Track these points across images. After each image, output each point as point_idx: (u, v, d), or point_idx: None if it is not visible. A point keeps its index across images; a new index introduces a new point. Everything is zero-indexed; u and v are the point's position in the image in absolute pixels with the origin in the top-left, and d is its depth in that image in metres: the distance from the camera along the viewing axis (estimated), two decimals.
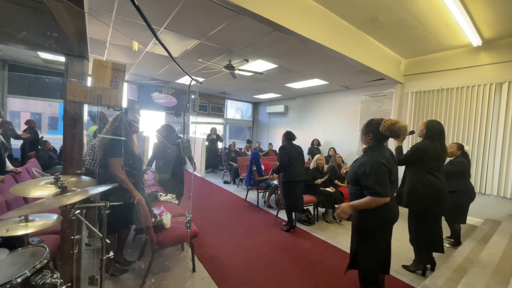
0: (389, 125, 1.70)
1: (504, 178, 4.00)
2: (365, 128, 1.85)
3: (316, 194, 4.01)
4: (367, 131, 1.82)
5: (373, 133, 1.78)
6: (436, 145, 2.37)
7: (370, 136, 1.80)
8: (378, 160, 1.68)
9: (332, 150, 6.06)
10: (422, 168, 2.37)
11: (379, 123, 1.76)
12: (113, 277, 2.23)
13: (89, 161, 2.66)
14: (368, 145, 1.83)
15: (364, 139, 1.85)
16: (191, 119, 5.00)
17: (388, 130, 1.70)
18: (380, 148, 1.79)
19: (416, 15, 3.34)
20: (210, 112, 9.61)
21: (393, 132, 1.71)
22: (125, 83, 5.18)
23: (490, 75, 4.13)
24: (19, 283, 1.07)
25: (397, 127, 1.69)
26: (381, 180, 1.65)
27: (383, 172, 1.66)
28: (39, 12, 1.41)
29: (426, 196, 2.32)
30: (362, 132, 1.87)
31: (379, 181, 1.64)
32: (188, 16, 3.20)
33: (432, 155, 2.35)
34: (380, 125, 1.74)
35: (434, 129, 2.42)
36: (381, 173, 1.66)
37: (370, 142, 1.81)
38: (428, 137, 2.42)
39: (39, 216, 1.39)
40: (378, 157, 1.70)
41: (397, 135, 1.73)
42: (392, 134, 1.72)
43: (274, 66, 5.09)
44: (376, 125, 1.77)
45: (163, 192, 3.24)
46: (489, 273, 2.02)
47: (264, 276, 2.41)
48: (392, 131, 1.70)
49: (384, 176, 1.66)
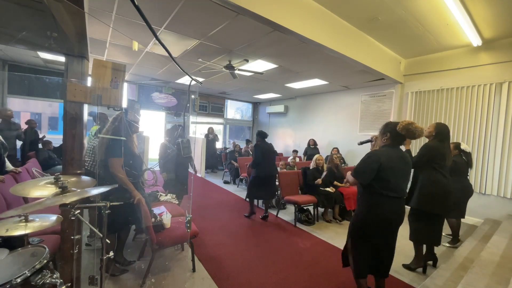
0: (406, 124, 1.78)
1: (504, 178, 4.00)
2: (383, 129, 1.92)
3: (316, 194, 4.01)
4: (384, 131, 1.89)
5: (390, 133, 1.85)
6: (445, 146, 2.45)
7: (388, 135, 1.87)
8: (376, 153, 1.80)
9: (335, 150, 6.04)
10: (433, 168, 2.41)
11: (396, 124, 1.84)
12: (113, 277, 2.23)
13: (89, 162, 2.66)
14: (384, 144, 1.90)
15: (381, 139, 1.93)
16: (191, 119, 5.01)
17: (405, 129, 1.77)
18: (392, 147, 1.85)
19: (416, 15, 3.34)
20: (210, 112, 9.61)
21: (409, 132, 1.77)
22: (125, 83, 5.18)
23: (490, 75, 4.13)
24: (19, 283, 1.07)
25: (413, 127, 1.76)
26: (364, 165, 1.80)
27: (371, 163, 1.77)
28: (39, 12, 1.41)
29: (437, 196, 2.37)
30: (380, 132, 1.95)
31: (362, 166, 1.81)
32: (188, 16, 3.20)
33: (442, 155, 2.42)
34: (397, 126, 1.82)
35: (444, 132, 2.49)
36: (368, 162, 1.79)
37: (387, 142, 1.88)
38: (438, 139, 2.47)
39: (39, 216, 1.39)
40: (379, 153, 1.80)
41: (413, 135, 1.79)
42: (408, 134, 1.78)
43: (274, 66, 5.09)
44: (394, 126, 1.84)
45: (163, 192, 3.24)
46: (489, 273, 2.02)
47: (264, 276, 2.41)
48: (409, 130, 1.77)
49: (368, 166, 1.78)
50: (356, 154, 6.29)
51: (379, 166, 1.74)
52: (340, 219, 4.10)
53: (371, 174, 1.76)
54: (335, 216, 4.13)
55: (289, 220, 4.05)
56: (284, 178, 4.25)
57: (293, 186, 4.31)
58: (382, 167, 1.73)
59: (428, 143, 2.50)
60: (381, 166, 1.73)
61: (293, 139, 8.90)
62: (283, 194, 4.14)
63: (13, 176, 2.76)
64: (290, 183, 4.28)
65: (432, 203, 2.37)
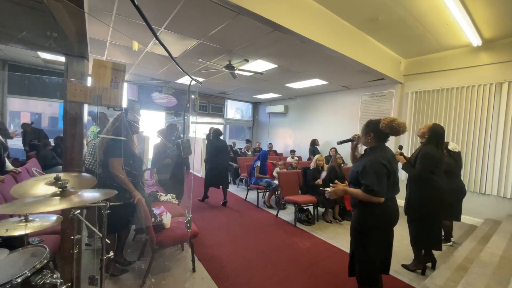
0: (389, 121, 1.70)
1: (504, 178, 4.00)
2: (365, 129, 1.84)
3: (316, 194, 4.01)
4: (367, 131, 1.82)
5: (373, 132, 1.78)
6: (439, 150, 2.41)
7: (371, 135, 1.79)
8: (378, 160, 1.68)
9: (333, 151, 6.05)
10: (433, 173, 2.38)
11: (379, 122, 1.76)
12: (113, 277, 2.23)
13: (90, 160, 2.66)
14: (369, 146, 1.83)
15: (364, 140, 1.85)
16: (191, 119, 5.00)
17: (388, 127, 1.70)
18: (381, 148, 1.78)
19: (416, 15, 3.34)
20: (210, 112, 9.61)
21: (393, 129, 1.70)
22: (125, 83, 5.17)
23: (490, 75, 4.13)
24: (19, 283, 1.07)
25: (396, 124, 1.69)
26: (378, 179, 1.64)
27: (382, 172, 1.66)
28: (39, 12, 1.41)
29: (434, 200, 2.35)
30: (362, 133, 1.87)
31: (377, 180, 1.64)
32: (188, 16, 3.20)
33: (440, 160, 2.39)
34: (379, 124, 1.74)
35: (439, 134, 2.44)
36: (379, 172, 1.65)
37: (371, 142, 1.80)
38: (433, 141, 2.42)
39: (39, 217, 1.39)
40: (379, 157, 1.70)
41: (397, 132, 1.71)
42: (392, 131, 1.71)
43: (274, 66, 5.09)
44: (376, 124, 1.77)
45: (163, 192, 3.24)
46: (489, 273, 2.02)
47: (264, 276, 2.41)
48: (392, 127, 1.70)
49: (382, 175, 1.66)
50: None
51: (387, 172, 1.67)
52: (340, 219, 4.10)
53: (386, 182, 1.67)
54: (335, 216, 4.13)
55: (289, 220, 4.05)
56: (284, 178, 4.26)
57: (293, 186, 4.31)
58: (389, 172, 1.69)
59: (427, 152, 2.38)
60: (388, 172, 1.68)
61: (293, 139, 8.91)
62: (283, 194, 4.14)
63: (13, 176, 2.76)
64: (290, 183, 4.28)
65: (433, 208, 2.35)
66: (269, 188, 4.75)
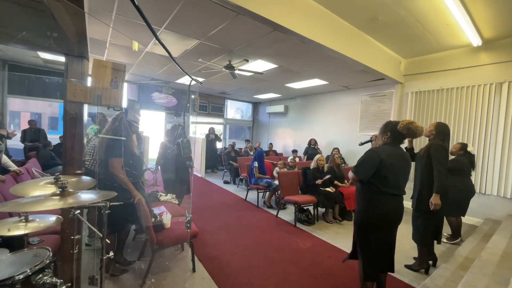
0: (407, 123, 1.79)
1: (504, 178, 4.00)
2: (383, 128, 1.92)
3: (316, 194, 4.01)
4: (385, 130, 1.89)
5: (391, 132, 1.85)
6: (446, 145, 2.47)
7: (388, 135, 1.87)
8: (376, 150, 1.79)
9: (336, 151, 6.03)
10: None
11: (397, 123, 1.84)
12: (113, 277, 2.23)
13: (90, 160, 2.66)
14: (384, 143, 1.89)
15: (381, 138, 1.92)
16: (191, 119, 5.02)
17: (406, 128, 1.78)
18: (392, 145, 1.85)
19: (416, 15, 3.34)
20: (210, 112, 9.61)
21: (410, 131, 1.78)
22: (125, 83, 5.18)
23: (490, 75, 4.13)
24: (20, 280, 1.08)
25: (414, 126, 1.77)
26: (364, 163, 1.79)
27: (371, 159, 1.77)
28: (39, 12, 1.41)
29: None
30: (380, 132, 1.94)
31: (362, 162, 1.80)
32: (188, 16, 3.20)
33: (448, 154, 2.45)
34: (398, 125, 1.82)
35: (445, 132, 2.51)
36: (368, 159, 1.78)
37: (387, 141, 1.88)
38: (440, 137, 2.48)
39: (39, 217, 1.39)
40: (379, 149, 1.79)
41: (414, 134, 1.80)
42: (409, 133, 1.79)
43: (274, 66, 5.09)
44: (394, 125, 1.85)
45: (163, 192, 3.24)
46: (489, 273, 2.02)
47: (264, 276, 2.41)
48: (409, 129, 1.78)
49: (369, 162, 1.77)
50: (356, 154, 6.28)
51: (379, 163, 1.73)
52: (340, 219, 4.10)
53: (371, 170, 1.75)
54: (335, 216, 4.13)
55: (289, 220, 4.05)
56: (284, 178, 4.26)
57: (293, 186, 4.31)
58: (383, 164, 1.73)
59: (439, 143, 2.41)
60: (382, 163, 1.73)
61: (293, 139, 8.91)
62: (283, 194, 4.14)
63: (13, 176, 2.76)
64: (290, 183, 4.28)
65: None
66: (270, 189, 4.74)
